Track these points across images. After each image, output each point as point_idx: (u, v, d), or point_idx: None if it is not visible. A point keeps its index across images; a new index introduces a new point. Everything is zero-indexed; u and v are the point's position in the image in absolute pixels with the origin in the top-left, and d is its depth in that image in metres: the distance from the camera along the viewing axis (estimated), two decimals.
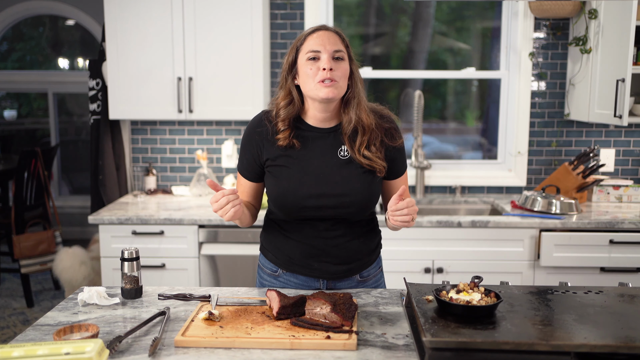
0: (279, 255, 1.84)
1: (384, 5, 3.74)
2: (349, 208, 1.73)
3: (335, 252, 1.78)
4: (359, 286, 1.87)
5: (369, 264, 1.87)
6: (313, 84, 1.66)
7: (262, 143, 1.75)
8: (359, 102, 1.71)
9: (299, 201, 1.71)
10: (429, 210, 3.48)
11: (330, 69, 1.63)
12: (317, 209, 1.72)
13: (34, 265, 4.06)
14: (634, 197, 3.29)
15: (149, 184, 3.53)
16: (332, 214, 1.73)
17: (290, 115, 1.73)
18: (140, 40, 3.21)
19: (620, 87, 2.83)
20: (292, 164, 1.73)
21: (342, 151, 1.74)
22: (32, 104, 6.40)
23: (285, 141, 1.71)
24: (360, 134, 1.72)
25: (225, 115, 3.26)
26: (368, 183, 1.74)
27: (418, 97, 3.42)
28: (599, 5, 3.07)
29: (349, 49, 1.72)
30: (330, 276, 1.81)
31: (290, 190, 1.71)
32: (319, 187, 1.71)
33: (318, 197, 1.71)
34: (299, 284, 1.84)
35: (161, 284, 3.00)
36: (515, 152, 3.53)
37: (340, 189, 1.71)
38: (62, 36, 6.14)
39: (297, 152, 1.73)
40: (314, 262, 1.79)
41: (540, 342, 1.28)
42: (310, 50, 1.66)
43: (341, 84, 1.67)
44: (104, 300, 1.70)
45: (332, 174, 1.72)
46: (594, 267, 2.91)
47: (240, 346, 1.41)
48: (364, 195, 1.73)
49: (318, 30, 1.69)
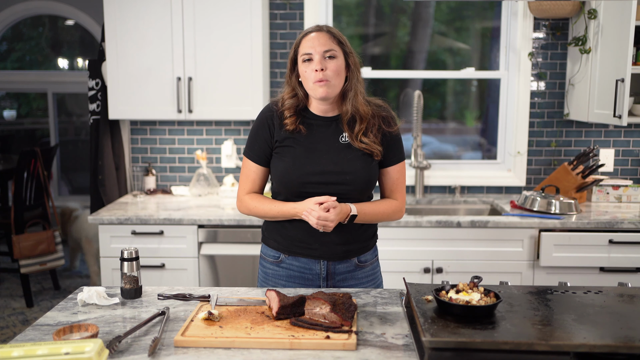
0: (280, 240, 1.93)
1: (383, 5, 3.74)
2: (349, 185, 1.85)
3: (334, 231, 1.85)
4: (357, 272, 1.94)
5: (367, 249, 1.97)
6: (310, 84, 1.82)
7: (274, 127, 1.90)
8: (355, 93, 1.85)
9: (303, 177, 1.84)
10: (429, 210, 3.48)
11: (321, 70, 1.78)
12: (319, 184, 1.83)
13: (34, 265, 4.06)
14: (633, 197, 3.29)
15: (149, 184, 3.53)
16: (333, 191, 1.83)
17: (294, 105, 1.88)
18: (139, 40, 3.21)
19: (620, 87, 2.83)
20: (297, 144, 1.87)
21: (343, 137, 1.87)
22: (32, 104, 6.40)
23: (292, 126, 1.86)
24: (359, 122, 1.86)
25: (225, 115, 3.26)
26: (367, 164, 1.87)
27: (417, 97, 3.42)
28: (599, 5, 3.07)
29: (344, 45, 1.84)
30: (330, 256, 1.89)
31: (296, 166, 1.84)
32: (321, 165, 1.84)
33: (321, 174, 1.84)
34: (301, 268, 1.91)
35: (161, 284, 3.00)
36: (515, 152, 3.53)
37: (341, 166, 1.85)
38: (61, 36, 6.14)
39: (303, 136, 1.87)
40: (315, 242, 1.88)
41: (539, 342, 1.28)
42: (304, 53, 1.81)
43: (334, 82, 1.81)
44: (103, 300, 1.70)
45: (334, 154, 1.86)
46: (593, 267, 2.91)
47: (239, 346, 1.41)
48: (363, 173, 1.86)
49: (310, 33, 1.83)
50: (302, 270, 1.92)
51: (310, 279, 1.92)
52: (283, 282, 1.94)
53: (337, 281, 1.93)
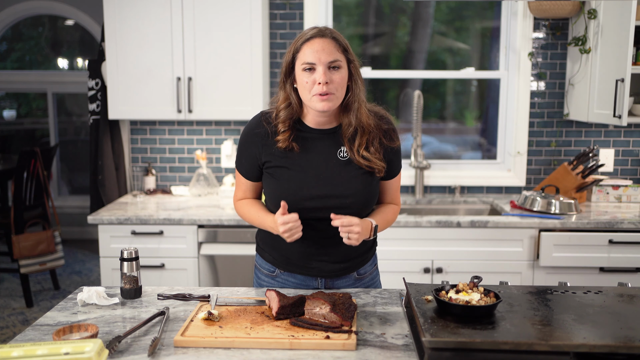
0: (276, 256, 1.86)
1: (383, 5, 3.74)
2: (348, 209, 1.73)
3: (333, 250, 1.79)
4: (356, 284, 1.88)
5: (366, 261, 1.89)
6: (309, 95, 1.66)
7: (261, 145, 1.75)
8: (359, 105, 1.71)
9: (299, 202, 1.71)
10: (428, 210, 3.48)
11: (325, 83, 1.63)
12: (317, 210, 1.72)
13: (33, 265, 4.06)
14: (633, 197, 3.29)
15: (148, 184, 3.53)
16: (332, 210, 1.71)
17: (290, 117, 1.73)
18: (139, 40, 3.21)
19: (620, 87, 2.83)
20: (292, 165, 1.73)
21: (342, 152, 1.74)
22: (32, 104, 6.40)
23: (285, 143, 1.71)
24: (360, 134, 1.72)
25: (225, 115, 3.26)
26: (368, 183, 1.75)
27: (417, 97, 3.42)
28: (599, 5, 3.07)
29: (348, 52, 1.69)
30: (328, 274, 1.82)
31: (291, 192, 1.72)
32: (319, 189, 1.72)
33: (318, 199, 1.72)
34: (297, 284, 1.85)
35: (160, 284, 3.00)
36: (515, 152, 3.53)
37: (340, 190, 1.72)
38: (61, 36, 6.14)
39: (297, 154, 1.73)
40: (312, 261, 1.81)
41: (539, 342, 1.28)
42: (306, 62, 1.65)
43: (337, 94, 1.66)
44: (103, 300, 1.70)
45: (332, 175, 1.73)
46: (593, 267, 2.91)
47: (239, 346, 1.41)
48: (365, 195, 1.75)
49: (314, 38, 1.66)
50: (299, 285, 1.85)
51: None
52: None
53: None
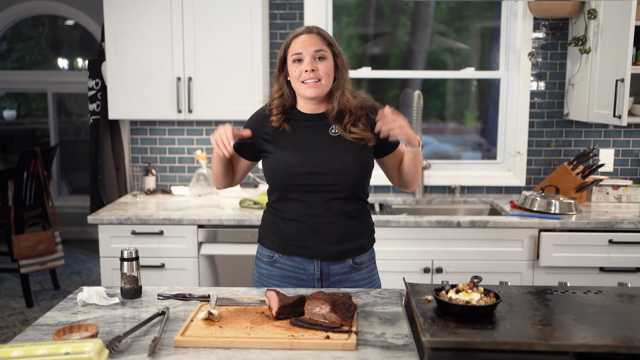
0: (275, 240, 1.95)
1: (383, 5, 3.74)
2: (340, 174, 1.85)
3: (328, 230, 1.88)
4: (352, 273, 1.93)
5: (362, 250, 1.96)
6: (298, 84, 1.87)
7: (262, 123, 1.95)
8: (342, 92, 1.90)
9: (292, 168, 1.86)
10: (429, 210, 3.48)
11: (312, 70, 1.83)
12: (309, 175, 1.85)
13: (33, 265, 4.06)
14: (633, 197, 3.29)
15: (148, 184, 3.53)
16: (324, 181, 1.85)
17: (282, 104, 1.94)
18: (139, 40, 3.21)
19: (620, 87, 2.83)
20: (284, 142, 1.90)
21: (332, 129, 1.91)
22: (32, 104, 6.40)
23: (278, 123, 1.91)
24: (347, 115, 1.90)
25: (225, 115, 3.26)
26: (358, 153, 1.88)
27: (417, 97, 3.42)
28: (598, 5, 3.07)
29: (333, 46, 1.89)
30: (324, 256, 1.89)
31: (284, 167, 1.87)
32: (311, 156, 1.87)
33: (311, 165, 1.86)
34: (295, 267, 1.92)
35: (160, 284, 3.00)
36: (515, 152, 3.53)
37: (331, 158, 1.86)
38: (61, 36, 6.14)
39: (289, 133, 1.91)
40: (308, 241, 1.89)
41: (539, 342, 1.28)
42: (294, 53, 1.86)
43: (324, 81, 1.86)
44: (103, 300, 1.70)
45: (324, 146, 1.89)
46: (593, 267, 2.91)
47: (239, 346, 1.41)
48: (356, 164, 1.87)
49: (301, 34, 1.87)
50: (296, 270, 1.93)
51: (304, 279, 1.92)
52: (277, 282, 1.94)
53: (332, 283, 1.92)
